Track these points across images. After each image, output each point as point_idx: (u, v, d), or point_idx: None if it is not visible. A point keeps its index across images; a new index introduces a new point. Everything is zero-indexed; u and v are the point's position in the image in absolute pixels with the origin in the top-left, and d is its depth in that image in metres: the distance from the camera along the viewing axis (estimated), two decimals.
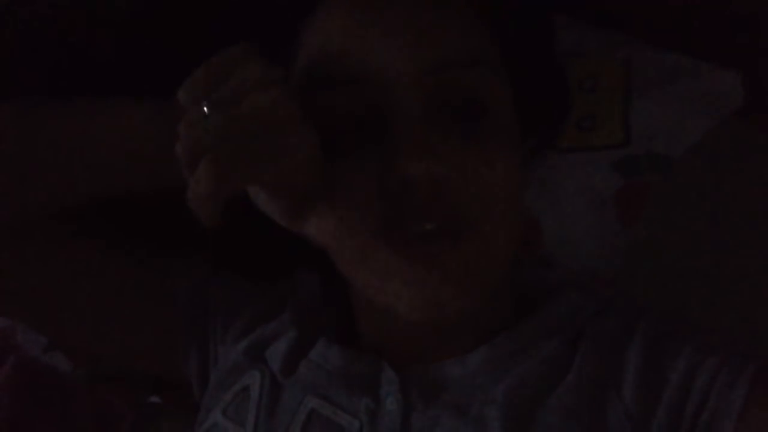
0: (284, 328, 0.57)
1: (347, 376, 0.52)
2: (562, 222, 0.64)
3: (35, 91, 0.58)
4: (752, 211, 0.63)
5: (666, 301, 0.62)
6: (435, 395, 0.50)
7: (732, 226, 0.63)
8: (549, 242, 0.64)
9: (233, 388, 0.55)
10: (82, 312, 0.59)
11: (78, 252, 0.59)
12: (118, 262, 0.60)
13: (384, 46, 0.46)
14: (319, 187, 0.46)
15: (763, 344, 0.56)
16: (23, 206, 0.56)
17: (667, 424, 0.45)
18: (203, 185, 0.38)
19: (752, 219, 0.63)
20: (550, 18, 0.57)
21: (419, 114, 0.45)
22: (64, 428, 0.68)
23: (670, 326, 0.50)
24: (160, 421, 0.69)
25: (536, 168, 0.62)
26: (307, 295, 0.61)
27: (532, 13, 0.54)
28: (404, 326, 0.50)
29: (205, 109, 0.40)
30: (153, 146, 0.49)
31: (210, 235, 0.60)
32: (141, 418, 0.70)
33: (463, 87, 0.47)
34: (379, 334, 0.54)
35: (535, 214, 0.64)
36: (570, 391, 0.48)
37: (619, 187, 0.63)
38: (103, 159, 0.53)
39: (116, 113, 0.52)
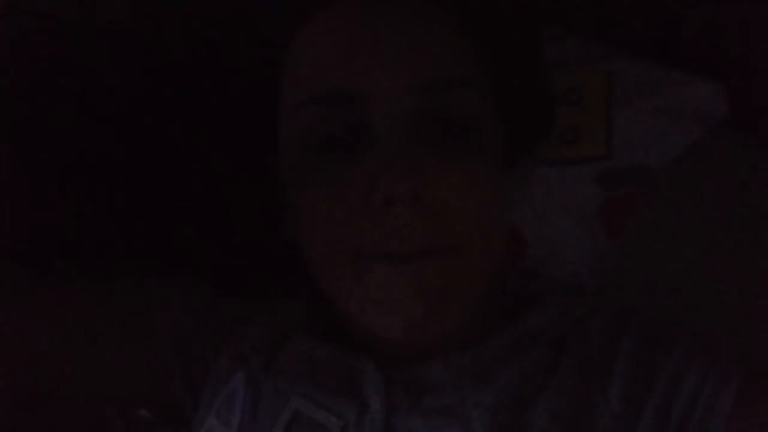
0: (265, 323, 0.58)
1: (331, 374, 0.52)
2: (546, 234, 0.64)
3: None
4: (738, 220, 0.63)
5: (652, 311, 0.62)
6: (420, 396, 0.50)
7: (718, 235, 0.63)
8: (534, 254, 0.64)
9: (223, 392, 0.55)
10: (56, 356, 0.58)
11: (43, 295, 0.58)
12: (91, 301, 0.59)
13: (371, 64, 0.46)
14: None
15: (751, 349, 0.55)
16: None
17: (654, 427, 0.45)
18: None
19: (738, 228, 0.63)
20: (534, 31, 0.57)
21: (404, 132, 0.46)
22: None
23: (658, 328, 0.50)
24: None
25: (520, 180, 0.62)
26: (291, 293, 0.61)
27: (517, 27, 0.54)
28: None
29: None
30: None
31: (194, 257, 0.61)
32: (132, 430, 0.70)
33: (449, 107, 0.47)
34: (364, 333, 0.54)
35: (519, 227, 0.64)
36: (556, 394, 0.47)
37: (603, 198, 0.63)
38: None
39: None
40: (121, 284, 0.60)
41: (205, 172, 0.60)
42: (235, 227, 0.61)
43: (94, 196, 0.61)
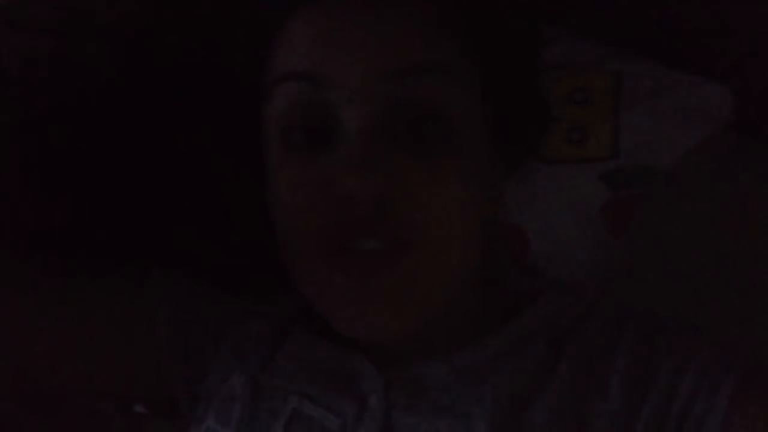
0: (263, 321, 0.58)
1: (329, 372, 0.52)
2: (549, 233, 0.63)
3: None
4: (742, 223, 0.63)
5: (653, 310, 0.62)
6: (418, 394, 0.50)
7: (722, 237, 0.63)
8: (537, 254, 0.64)
9: (221, 391, 0.55)
10: (55, 352, 0.57)
11: (43, 293, 0.57)
12: (91, 298, 0.59)
13: (341, 55, 0.46)
14: None
15: (751, 349, 0.56)
16: None
17: (652, 425, 0.45)
18: None
19: (742, 230, 0.63)
20: (529, 32, 0.56)
21: (370, 126, 0.45)
22: None
23: (657, 327, 0.50)
24: (148, 429, 0.69)
25: (524, 179, 0.62)
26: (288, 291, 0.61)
27: (510, 28, 0.53)
28: None
29: None
30: None
31: (194, 256, 0.60)
32: (129, 425, 0.70)
33: (421, 98, 0.46)
34: None
35: (522, 226, 0.64)
36: (556, 393, 0.48)
37: (608, 199, 0.63)
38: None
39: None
40: (121, 282, 0.60)
41: (205, 172, 0.59)
42: (235, 227, 0.61)
43: (94, 194, 0.60)
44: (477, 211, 0.49)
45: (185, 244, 0.61)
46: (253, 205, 0.57)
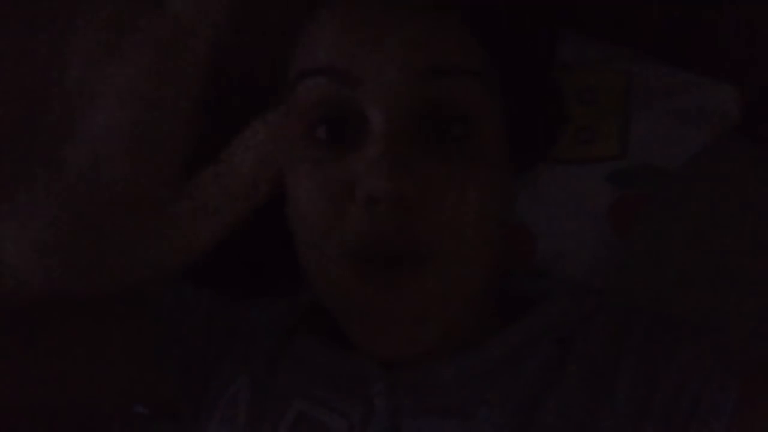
0: (267, 323, 0.57)
1: (335, 374, 0.52)
2: (556, 233, 0.63)
3: None
4: (748, 223, 0.63)
5: (658, 310, 0.62)
6: (425, 396, 0.49)
7: (727, 238, 0.64)
8: (543, 254, 0.64)
9: (226, 395, 0.54)
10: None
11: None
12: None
13: (372, 52, 0.45)
14: None
15: (754, 350, 0.56)
16: None
17: (659, 426, 0.45)
18: None
19: (748, 231, 0.63)
20: (546, 34, 0.56)
21: (397, 126, 0.45)
22: None
23: (663, 327, 0.50)
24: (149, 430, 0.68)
25: (531, 179, 0.61)
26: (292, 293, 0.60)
27: (527, 29, 0.53)
28: None
29: None
30: None
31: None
32: (129, 426, 0.69)
33: (450, 99, 0.46)
34: None
35: (528, 226, 0.63)
36: (563, 394, 0.47)
37: (614, 199, 0.63)
38: None
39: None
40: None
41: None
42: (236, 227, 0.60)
43: None
44: (496, 216, 0.49)
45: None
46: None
